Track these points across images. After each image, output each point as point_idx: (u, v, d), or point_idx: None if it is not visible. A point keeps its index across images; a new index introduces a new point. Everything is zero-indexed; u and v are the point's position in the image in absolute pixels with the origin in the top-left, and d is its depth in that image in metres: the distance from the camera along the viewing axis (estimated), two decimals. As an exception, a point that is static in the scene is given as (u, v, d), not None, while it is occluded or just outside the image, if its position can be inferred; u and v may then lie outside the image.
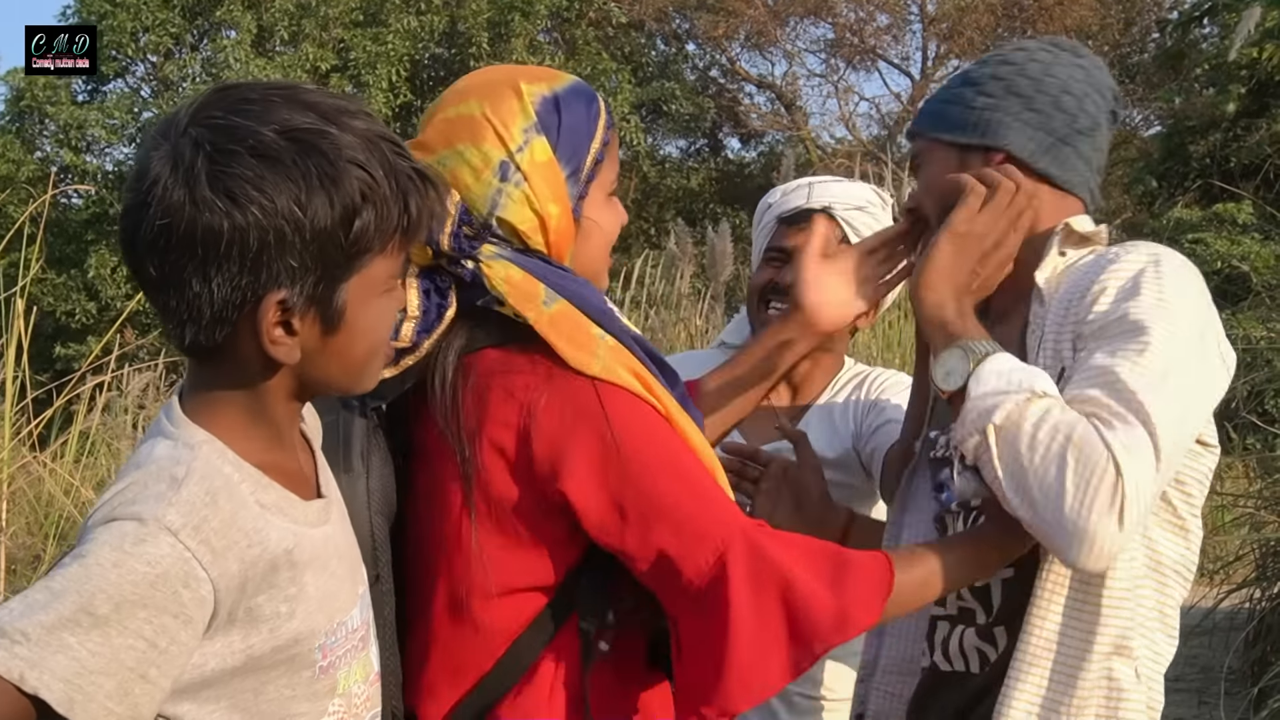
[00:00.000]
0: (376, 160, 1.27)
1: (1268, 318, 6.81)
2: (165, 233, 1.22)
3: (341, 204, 1.24)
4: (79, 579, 1.15)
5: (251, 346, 1.28)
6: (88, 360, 5.97)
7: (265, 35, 20.30)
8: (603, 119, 1.67)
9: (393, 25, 19.72)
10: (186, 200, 1.21)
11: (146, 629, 1.15)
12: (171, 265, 1.23)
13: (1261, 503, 5.66)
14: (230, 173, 1.21)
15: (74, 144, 19.79)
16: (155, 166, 1.23)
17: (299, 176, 1.23)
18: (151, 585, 1.16)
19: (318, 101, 1.27)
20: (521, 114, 1.60)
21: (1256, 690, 4.46)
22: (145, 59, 21.03)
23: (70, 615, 1.13)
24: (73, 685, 1.12)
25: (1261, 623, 5.14)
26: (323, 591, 1.34)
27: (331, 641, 1.35)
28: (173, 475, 1.22)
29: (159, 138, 1.26)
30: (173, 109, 1.29)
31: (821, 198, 2.39)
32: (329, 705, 1.36)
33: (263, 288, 1.24)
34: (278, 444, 1.36)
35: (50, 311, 18.35)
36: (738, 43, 24.35)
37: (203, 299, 1.24)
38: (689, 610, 1.52)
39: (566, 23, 21.68)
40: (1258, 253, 10.99)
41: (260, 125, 1.23)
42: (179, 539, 1.18)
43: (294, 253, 1.23)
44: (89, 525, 1.20)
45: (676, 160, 24.72)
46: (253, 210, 1.21)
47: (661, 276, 8.80)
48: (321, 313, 1.28)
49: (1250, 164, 12.90)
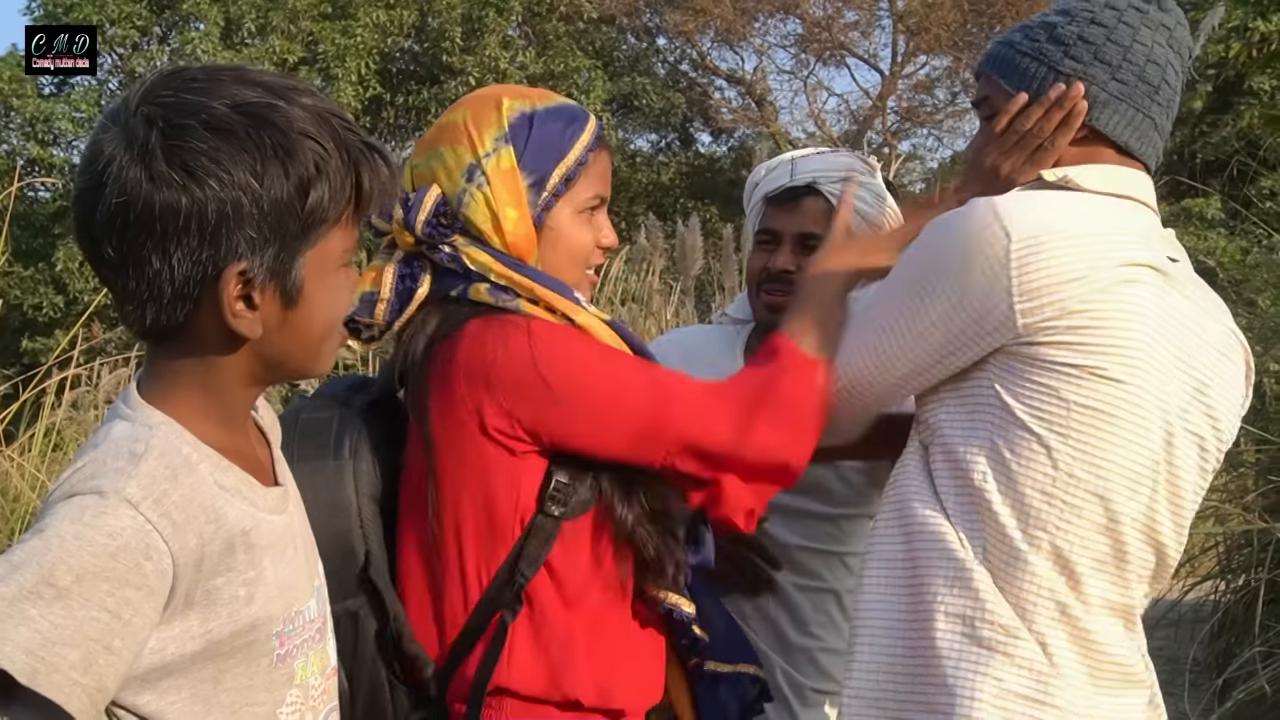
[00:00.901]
0: (327, 133, 1.28)
1: (1234, 312, 6.87)
2: (122, 211, 1.22)
3: (296, 175, 1.26)
4: (39, 551, 1.14)
5: (212, 322, 1.28)
6: (55, 354, 5.93)
7: (233, 28, 20.15)
8: (583, 140, 1.80)
9: (361, 19, 19.61)
10: (143, 177, 1.22)
11: (109, 600, 1.15)
12: (130, 244, 1.23)
13: (1226, 496, 5.70)
14: (185, 147, 1.22)
15: (40, 137, 19.62)
16: (108, 148, 1.24)
17: (253, 148, 1.24)
18: (112, 556, 1.15)
19: (265, 79, 1.29)
20: (496, 125, 1.77)
21: (1221, 681, 4.50)
22: (112, 51, 20.85)
23: (31, 587, 1.12)
24: (36, 656, 1.11)
25: (1226, 615, 5.18)
26: (281, 579, 1.34)
27: (289, 630, 1.36)
28: (131, 451, 1.23)
29: (108, 121, 1.27)
30: (125, 93, 1.29)
31: (805, 173, 2.34)
32: (286, 695, 1.36)
33: (223, 260, 1.25)
34: (235, 429, 1.36)
35: (17, 305, 18.20)
36: (708, 38, 24.35)
37: (163, 276, 1.24)
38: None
39: (538, 18, 21.63)
40: (1224, 248, 11.08)
41: (211, 100, 1.24)
42: (139, 511, 1.18)
43: (252, 223, 1.24)
44: (49, 503, 1.20)
45: (647, 154, 24.69)
46: (210, 183, 1.22)
47: (632, 271, 8.80)
48: (280, 285, 1.29)
49: (1215, 160, 13.00)
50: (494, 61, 19.67)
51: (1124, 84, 1.82)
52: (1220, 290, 1.91)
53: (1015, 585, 1.69)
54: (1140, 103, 1.83)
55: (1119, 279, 1.68)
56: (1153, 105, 1.84)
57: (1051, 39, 1.85)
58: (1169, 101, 1.86)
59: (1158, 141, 1.88)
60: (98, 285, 14.13)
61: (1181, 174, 13.00)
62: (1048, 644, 1.69)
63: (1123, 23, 1.82)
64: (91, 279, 18.19)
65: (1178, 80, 1.86)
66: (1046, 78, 1.83)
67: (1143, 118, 1.84)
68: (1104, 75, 1.81)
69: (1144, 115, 1.84)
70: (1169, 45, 1.84)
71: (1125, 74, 1.82)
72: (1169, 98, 1.86)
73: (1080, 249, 1.67)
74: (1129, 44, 1.82)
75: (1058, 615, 1.69)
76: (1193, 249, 9.20)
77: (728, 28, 23.43)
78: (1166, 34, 1.84)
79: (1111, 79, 1.81)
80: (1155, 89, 1.83)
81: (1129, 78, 1.82)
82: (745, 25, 23.45)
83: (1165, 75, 1.83)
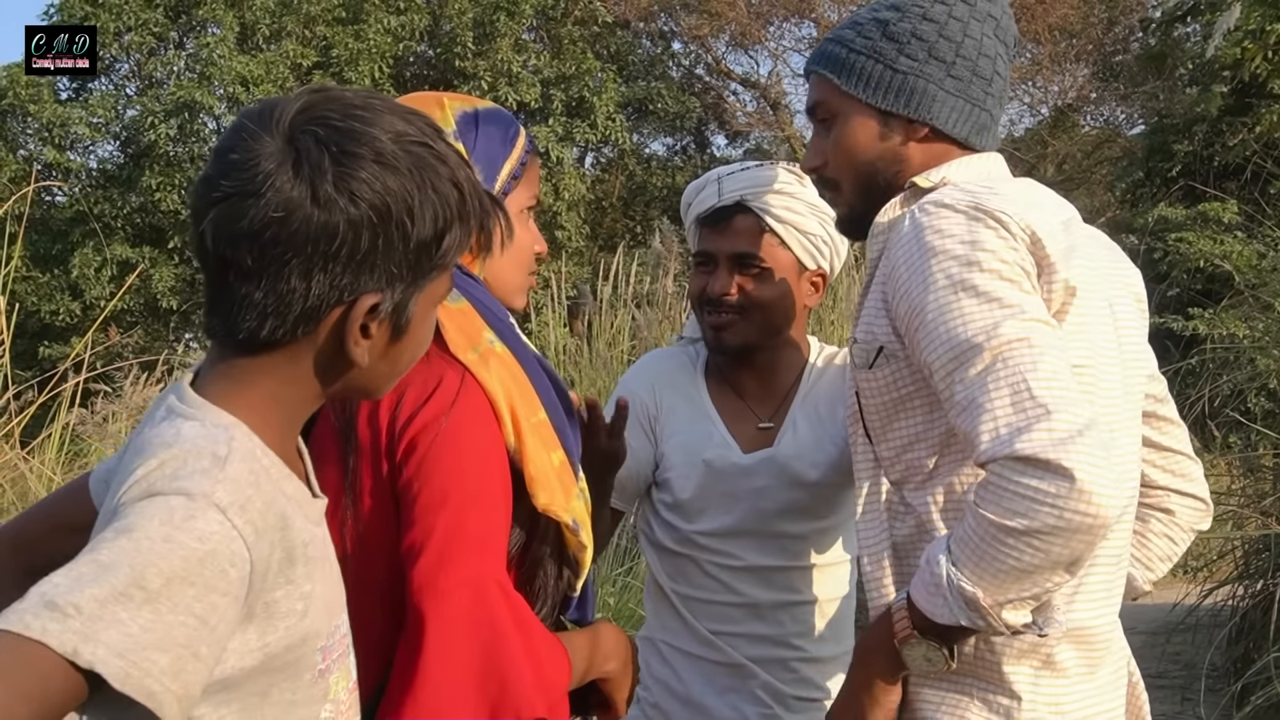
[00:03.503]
0: (468, 181, 1.32)
1: (1250, 316, 6.85)
2: (277, 224, 1.22)
3: (443, 217, 1.29)
4: (129, 552, 1.11)
5: (325, 346, 1.29)
6: (70, 360, 5.95)
7: (248, 33, 20.23)
8: (521, 142, 1.80)
9: (372, 24, 19.68)
10: (308, 197, 1.23)
11: (197, 606, 1.12)
12: (274, 258, 1.23)
13: (1244, 500, 5.69)
14: (356, 176, 1.24)
15: (57, 142, 19.70)
16: (265, 160, 1.23)
17: (413, 187, 1.27)
18: (200, 561, 1.13)
19: (410, 113, 1.31)
20: (443, 122, 1.71)
21: (1239, 686, 4.48)
22: (129, 57, 20.95)
23: (122, 589, 1.09)
24: (127, 660, 1.08)
25: (1244, 619, 5.17)
26: (327, 592, 1.33)
27: (330, 644, 1.34)
28: (214, 453, 1.20)
29: (257, 129, 1.26)
30: (266, 103, 1.29)
31: (732, 192, 2.33)
32: (321, 711, 1.34)
33: (360, 289, 1.27)
34: (289, 440, 1.35)
35: (34, 311, 18.26)
36: (723, 41, 24.37)
37: (296, 294, 1.25)
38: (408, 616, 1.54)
39: (552, 21, 21.66)
40: (1239, 252, 11.04)
41: (376, 130, 1.26)
42: (227, 516, 1.16)
43: (395, 258, 1.27)
44: (123, 501, 1.17)
45: (663, 158, 24.72)
46: (369, 213, 1.24)
47: (647, 274, 8.81)
48: (395, 320, 1.31)
49: (1230, 164, 12.94)
50: (506, 65, 19.70)
51: (959, 80, 1.84)
52: (1237, 294, 1.91)
53: None
54: (976, 97, 1.85)
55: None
56: (987, 98, 1.86)
57: (886, 36, 1.85)
58: (1000, 92, 1.89)
59: (994, 130, 1.91)
60: (114, 291, 14.14)
61: (1198, 177, 12.96)
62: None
63: (953, 18, 1.84)
64: (107, 285, 18.28)
65: (1006, 69, 1.90)
66: (883, 76, 1.84)
67: (980, 111, 1.86)
68: (940, 73, 1.83)
69: (980, 109, 1.86)
70: (996, 35, 1.87)
71: (960, 70, 1.84)
72: (1000, 89, 1.88)
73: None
74: (960, 39, 1.83)
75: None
76: (1209, 253, 9.16)
77: (742, 31, 23.43)
78: (994, 24, 1.87)
79: (948, 75, 1.83)
80: (988, 81, 1.86)
81: (964, 73, 1.84)
82: (760, 29, 23.45)
83: (996, 66, 1.86)
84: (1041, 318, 1.61)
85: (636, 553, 5.81)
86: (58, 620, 1.06)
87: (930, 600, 1.62)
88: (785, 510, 2.33)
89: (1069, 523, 1.49)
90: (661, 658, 2.42)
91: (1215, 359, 6.34)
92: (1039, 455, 1.49)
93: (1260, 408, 6.31)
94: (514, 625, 1.53)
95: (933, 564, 1.61)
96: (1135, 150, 17.09)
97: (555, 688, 1.58)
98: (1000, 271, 1.63)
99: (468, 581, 1.52)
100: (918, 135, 1.85)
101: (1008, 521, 1.51)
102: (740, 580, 2.34)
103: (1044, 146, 22.03)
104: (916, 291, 1.67)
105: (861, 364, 1.80)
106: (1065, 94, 22.77)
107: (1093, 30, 22.04)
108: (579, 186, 20.15)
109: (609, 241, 20.92)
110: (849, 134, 1.88)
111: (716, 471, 2.34)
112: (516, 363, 1.67)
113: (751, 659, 2.34)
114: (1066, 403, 1.53)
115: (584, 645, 1.70)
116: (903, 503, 1.79)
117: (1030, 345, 1.57)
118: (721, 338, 2.36)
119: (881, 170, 1.88)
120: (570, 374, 7.97)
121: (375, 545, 1.59)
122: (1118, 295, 1.85)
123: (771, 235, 2.32)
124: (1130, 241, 12.25)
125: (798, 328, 2.44)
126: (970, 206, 1.68)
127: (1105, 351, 1.76)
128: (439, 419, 1.57)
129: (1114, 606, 1.83)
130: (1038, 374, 1.55)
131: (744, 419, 2.41)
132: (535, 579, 1.69)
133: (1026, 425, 1.52)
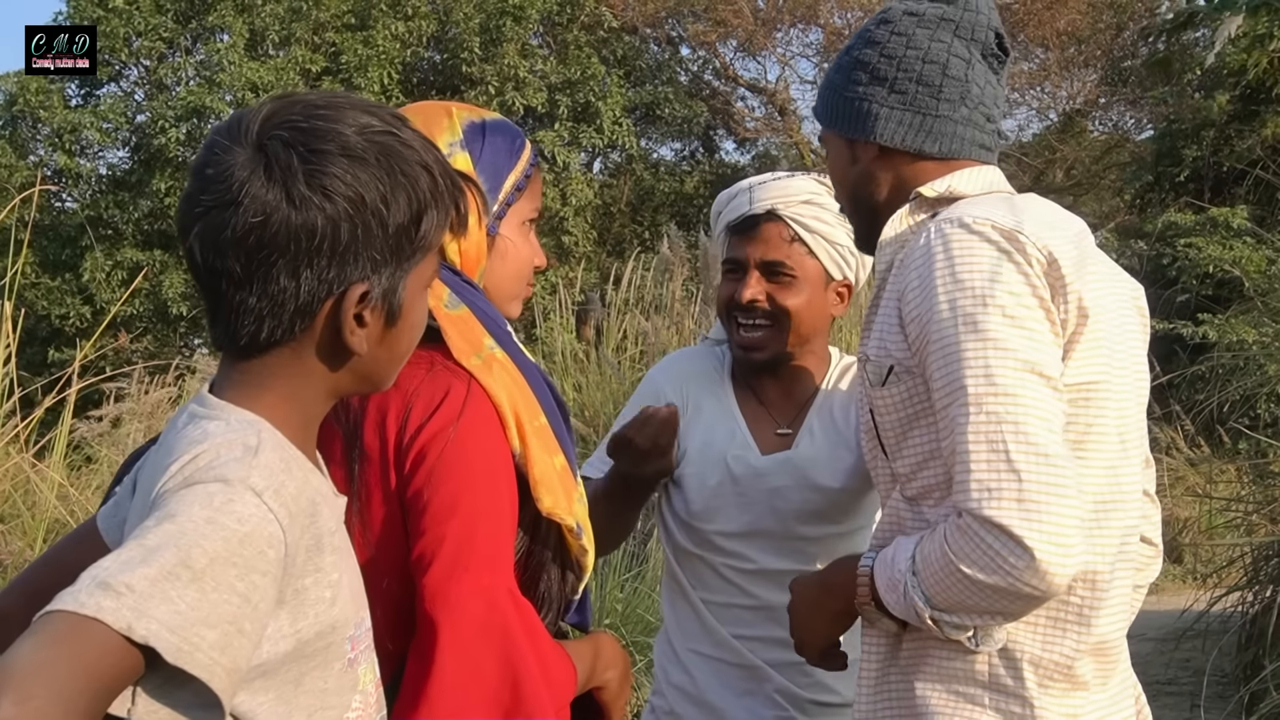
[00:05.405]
0: (437, 163, 1.38)
1: (1259, 322, 6.83)
2: (258, 229, 1.28)
3: (417, 200, 1.34)
4: (174, 535, 1.15)
5: (323, 339, 1.34)
6: (80, 364, 5.95)
7: (257, 39, 20.27)
8: (526, 154, 1.83)
9: (380, 30, 19.70)
10: (282, 198, 1.28)
11: (239, 584, 1.16)
12: (260, 261, 1.29)
13: (1253, 506, 5.68)
14: (325, 171, 1.29)
15: (67, 147, 19.75)
16: (239, 169, 1.28)
17: (383, 175, 1.32)
18: (241, 542, 1.17)
19: (375, 107, 1.37)
20: (449, 131, 1.77)
21: (1248, 693, 4.47)
22: (139, 63, 20.99)
23: (170, 569, 1.13)
24: (180, 635, 1.12)
25: (1253, 626, 5.16)
26: (352, 583, 1.38)
27: (358, 634, 1.39)
28: (245, 444, 1.26)
29: (227, 142, 1.31)
30: (234, 116, 1.35)
31: (764, 200, 2.37)
32: (352, 701, 1.38)
33: (347, 280, 1.32)
34: (308, 439, 1.40)
35: (45, 316, 18.29)
36: (730, 47, 24.37)
37: (287, 293, 1.30)
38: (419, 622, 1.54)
39: (558, 26, 21.68)
40: (1249, 257, 11.01)
41: (341, 126, 1.31)
42: (263, 499, 1.21)
43: (376, 246, 1.32)
44: (163, 492, 1.22)
45: (670, 164, 24.71)
46: (345, 206, 1.29)
47: (655, 280, 8.81)
48: (388, 305, 1.36)
49: (1236, 169, 12.92)
50: (512, 70, 19.72)
51: (903, 94, 1.89)
52: (1246, 300, 1.92)
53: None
54: (924, 105, 1.89)
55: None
56: (939, 103, 1.89)
57: (838, 68, 1.99)
58: (960, 91, 1.90)
59: (966, 132, 1.91)
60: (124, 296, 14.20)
61: (1206, 182, 12.94)
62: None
63: (895, 34, 1.91)
64: (118, 290, 18.32)
65: (974, 65, 1.91)
66: (837, 105, 1.96)
67: (931, 118, 1.89)
68: (882, 91, 1.90)
69: (930, 115, 1.89)
70: (957, 36, 1.90)
71: (902, 84, 1.89)
72: (957, 88, 1.90)
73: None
74: (901, 54, 1.90)
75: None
76: (1218, 258, 9.17)
77: (749, 37, 23.43)
78: (950, 26, 1.90)
79: (890, 92, 1.90)
80: (937, 87, 1.89)
81: (906, 86, 1.89)
82: (767, 35, 23.45)
83: (949, 70, 1.89)
84: (1039, 367, 1.65)
85: (644, 557, 5.82)
86: (112, 598, 1.10)
87: (888, 591, 1.75)
88: (800, 513, 2.35)
89: (1018, 590, 1.59)
90: (678, 662, 2.44)
91: (1224, 365, 6.33)
92: (1002, 523, 1.58)
93: (1269, 413, 6.31)
94: (525, 633, 1.55)
95: (898, 562, 1.72)
96: (1144, 155, 17.08)
97: (563, 695, 1.60)
98: (1008, 308, 1.66)
99: (480, 590, 1.54)
100: (870, 155, 1.93)
101: (964, 567, 1.61)
102: (755, 583, 2.36)
103: (1052, 152, 22.00)
104: (925, 318, 1.72)
105: (875, 382, 1.82)
106: (1074, 99, 22.75)
107: (1101, 35, 22.02)
108: (586, 192, 20.14)
109: (617, 247, 20.92)
110: (831, 162, 2.03)
111: (734, 470, 2.37)
112: (517, 368, 1.70)
113: (767, 662, 2.35)
114: (1040, 469, 1.59)
115: (586, 654, 1.72)
116: (921, 518, 1.80)
117: (1018, 402, 1.62)
118: (752, 357, 2.41)
119: (860, 191, 1.98)
120: (578, 379, 7.97)
121: (382, 554, 1.61)
122: (1125, 309, 1.87)
123: (800, 244, 2.36)
124: (1139, 247, 12.24)
125: (821, 337, 2.47)
126: (999, 234, 1.71)
127: (1120, 364, 1.78)
128: (447, 429, 1.59)
129: (1131, 618, 1.85)
130: (1018, 435, 1.60)
131: (764, 423, 2.44)
132: (540, 583, 1.70)
133: (997, 489, 1.59)
